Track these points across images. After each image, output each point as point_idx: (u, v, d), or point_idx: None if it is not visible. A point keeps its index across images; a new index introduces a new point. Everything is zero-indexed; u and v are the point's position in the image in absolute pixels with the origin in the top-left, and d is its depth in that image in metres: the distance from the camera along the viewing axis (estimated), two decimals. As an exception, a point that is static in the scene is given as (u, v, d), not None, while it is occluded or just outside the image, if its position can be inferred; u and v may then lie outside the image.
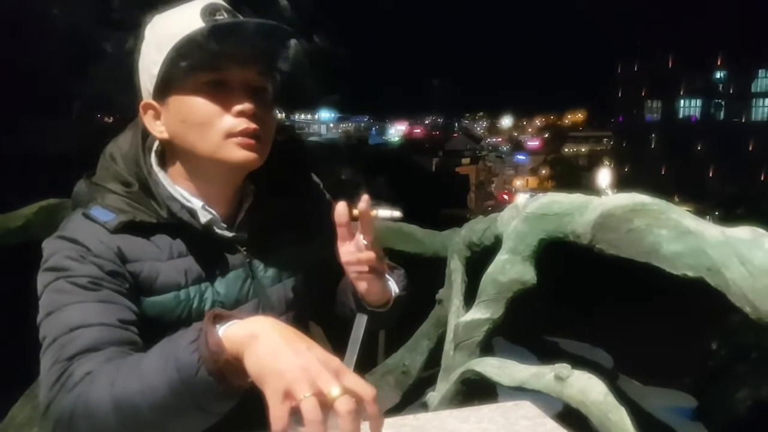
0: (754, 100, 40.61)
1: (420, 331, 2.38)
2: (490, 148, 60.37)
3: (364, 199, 0.90)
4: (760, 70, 40.04)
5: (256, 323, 0.71)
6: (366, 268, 0.93)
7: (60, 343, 0.84)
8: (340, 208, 0.91)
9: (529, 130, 71.10)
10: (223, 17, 0.94)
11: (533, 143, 60.32)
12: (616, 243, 1.19)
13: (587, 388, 1.17)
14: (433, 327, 2.28)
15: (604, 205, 1.21)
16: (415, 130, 69.93)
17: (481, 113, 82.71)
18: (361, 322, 0.76)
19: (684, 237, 1.05)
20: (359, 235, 0.91)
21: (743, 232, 0.96)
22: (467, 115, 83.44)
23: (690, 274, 1.04)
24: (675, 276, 1.08)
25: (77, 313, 0.86)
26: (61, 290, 0.88)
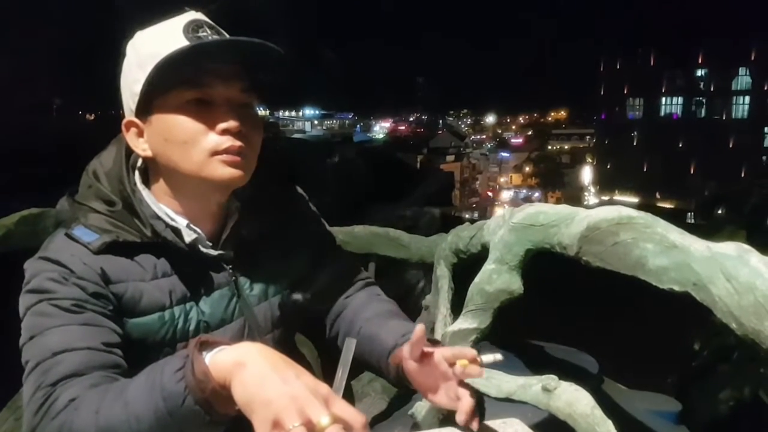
0: (735, 97, 41.07)
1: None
2: (474, 145, 60.49)
3: (472, 356, 0.90)
4: (740, 68, 40.50)
5: (244, 350, 0.70)
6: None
7: (43, 368, 0.82)
8: (419, 333, 0.89)
9: (513, 127, 71.45)
10: (206, 34, 0.92)
11: (517, 140, 60.62)
12: (602, 256, 1.19)
13: (574, 401, 1.17)
14: (420, 333, 2.28)
15: (590, 217, 1.21)
16: (400, 127, 69.95)
17: (466, 111, 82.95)
18: (350, 346, 0.75)
19: (670, 251, 1.05)
20: (453, 376, 0.90)
21: (729, 248, 0.97)
22: (451, 112, 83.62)
23: (676, 288, 1.04)
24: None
25: (60, 337, 0.84)
26: (43, 313, 0.87)
